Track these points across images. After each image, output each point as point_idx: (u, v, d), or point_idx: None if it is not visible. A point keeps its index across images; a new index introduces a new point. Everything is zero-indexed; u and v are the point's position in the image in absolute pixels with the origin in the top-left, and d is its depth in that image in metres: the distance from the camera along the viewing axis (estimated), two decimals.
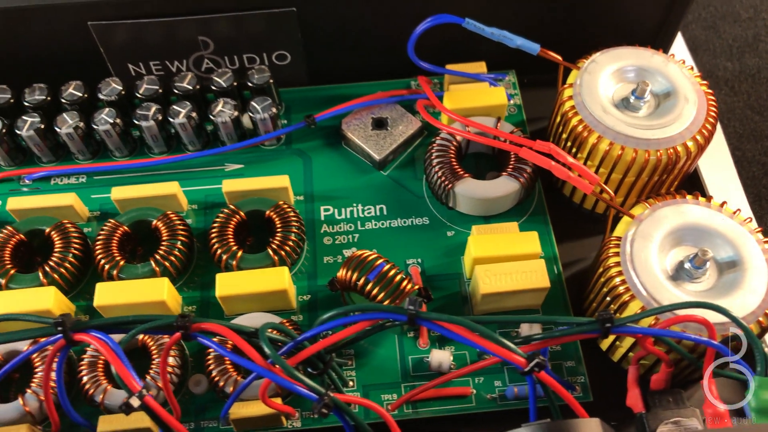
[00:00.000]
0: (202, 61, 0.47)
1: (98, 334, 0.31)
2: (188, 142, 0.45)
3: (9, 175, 0.45)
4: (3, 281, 0.39)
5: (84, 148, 0.45)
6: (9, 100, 0.44)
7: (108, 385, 0.36)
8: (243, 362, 0.31)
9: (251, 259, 0.40)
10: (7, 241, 0.40)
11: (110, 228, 0.41)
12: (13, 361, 0.33)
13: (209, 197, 0.44)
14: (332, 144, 0.47)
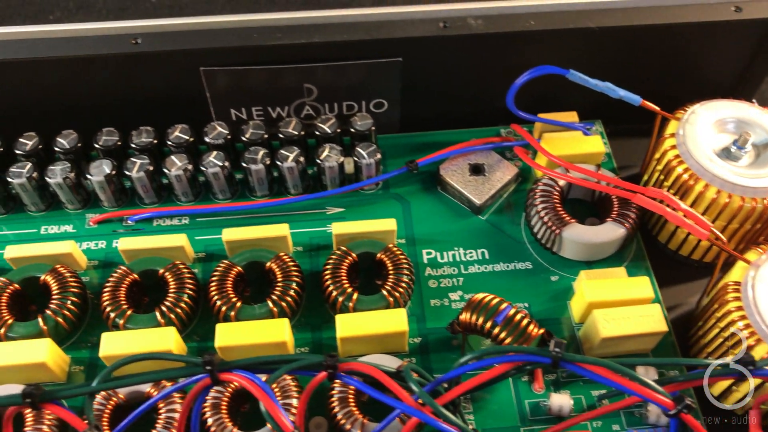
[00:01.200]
0: (303, 107, 0.48)
1: (245, 374, 0.31)
2: (292, 185, 0.46)
3: (113, 216, 0.45)
4: (121, 321, 0.39)
5: (189, 190, 0.45)
6: (117, 143, 0.45)
7: (234, 428, 0.35)
8: (390, 401, 0.31)
9: (367, 301, 0.40)
10: (121, 281, 0.40)
11: (224, 269, 0.41)
12: (150, 401, 0.33)
13: (314, 239, 0.45)
14: (428, 189, 0.48)
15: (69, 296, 0.40)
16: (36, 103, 0.45)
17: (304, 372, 0.32)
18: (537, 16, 0.43)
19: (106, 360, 0.37)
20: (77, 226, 0.45)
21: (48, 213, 0.46)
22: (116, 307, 0.39)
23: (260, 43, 0.42)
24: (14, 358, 0.37)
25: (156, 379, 0.32)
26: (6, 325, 0.38)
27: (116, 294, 0.40)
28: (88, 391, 0.31)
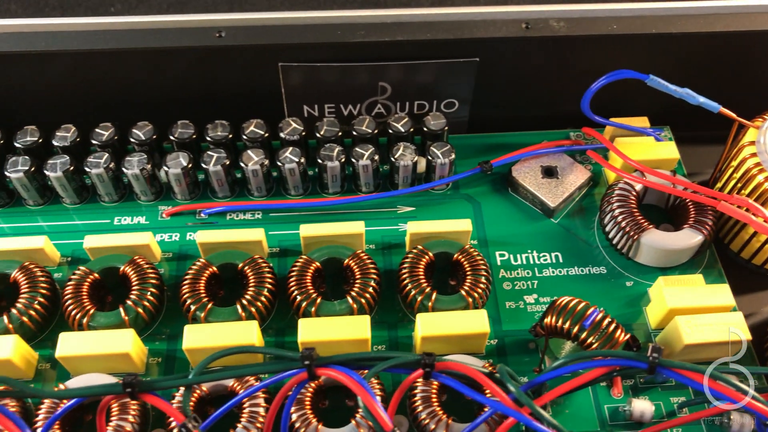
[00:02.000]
0: (374, 105, 0.48)
1: (343, 370, 0.31)
2: (364, 183, 0.46)
3: (186, 209, 0.45)
4: (202, 314, 0.39)
5: (263, 184, 0.45)
6: (192, 135, 0.45)
7: (318, 424, 0.35)
8: (487, 401, 0.31)
9: (446, 301, 0.40)
10: (201, 274, 0.40)
11: (303, 264, 0.41)
12: (248, 392, 0.32)
13: (385, 238, 0.45)
14: (498, 190, 0.47)
15: (149, 287, 0.40)
16: (113, 94, 0.46)
17: (399, 369, 0.32)
18: (619, 21, 0.43)
19: (189, 353, 0.38)
20: (150, 218, 0.45)
21: (121, 204, 0.46)
22: (197, 300, 0.39)
23: (342, 40, 0.42)
24: (99, 348, 0.37)
25: (254, 372, 0.32)
26: (88, 315, 0.39)
27: (196, 286, 0.40)
28: (186, 383, 0.31)
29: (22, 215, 0.45)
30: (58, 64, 0.43)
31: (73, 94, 0.45)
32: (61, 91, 0.45)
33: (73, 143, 0.45)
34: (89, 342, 0.37)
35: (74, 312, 0.39)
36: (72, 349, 0.37)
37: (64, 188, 0.44)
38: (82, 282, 0.40)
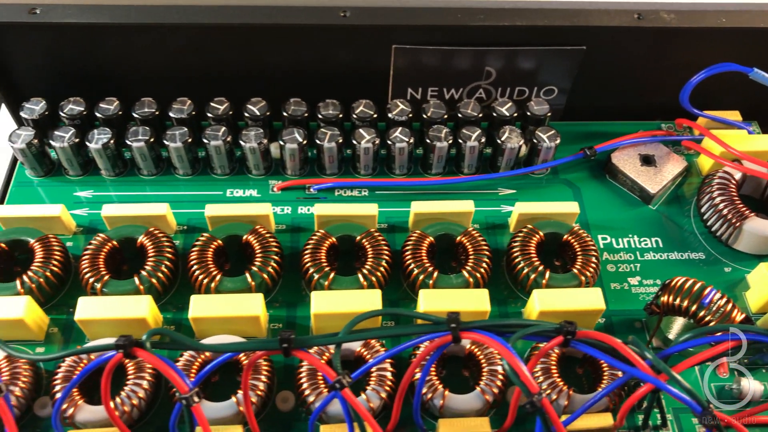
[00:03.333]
0: (477, 90, 0.49)
1: (487, 334, 0.32)
2: (468, 165, 0.47)
3: (297, 184, 0.47)
4: (326, 283, 0.40)
5: (370, 163, 0.47)
6: (304, 114, 0.46)
7: (445, 390, 0.37)
8: (624, 367, 0.32)
9: (559, 279, 0.41)
10: (321, 244, 0.42)
11: (418, 238, 0.42)
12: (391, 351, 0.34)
13: (489, 218, 0.46)
14: (596, 176, 0.49)
15: (271, 255, 0.41)
16: (229, 69, 0.47)
17: (538, 337, 0.34)
18: (728, 14, 0.44)
19: (316, 318, 0.39)
20: (261, 191, 0.47)
21: (232, 177, 0.47)
22: (319, 269, 0.41)
23: (461, 23, 0.43)
24: (231, 311, 0.38)
25: (399, 334, 0.33)
26: (216, 280, 0.40)
27: (316, 256, 0.41)
28: (336, 341, 0.33)
29: (136, 184, 0.47)
30: (179, 37, 0.45)
31: (189, 68, 0.47)
32: (179, 65, 0.46)
33: (189, 116, 0.46)
34: (220, 304, 0.38)
35: (201, 276, 0.40)
36: (203, 311, 0.38)
37: (180, 159, 0.45)
38: (206, 248, 0.41)
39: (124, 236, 0.42)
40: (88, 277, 0.40)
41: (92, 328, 0.38)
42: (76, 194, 0.46)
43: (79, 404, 0.35)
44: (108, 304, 0.38)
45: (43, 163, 0.46)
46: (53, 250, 0.41)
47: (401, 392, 0.35)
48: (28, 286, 0.39)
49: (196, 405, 0.31)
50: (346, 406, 0.32)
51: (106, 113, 0.46)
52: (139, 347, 0.31)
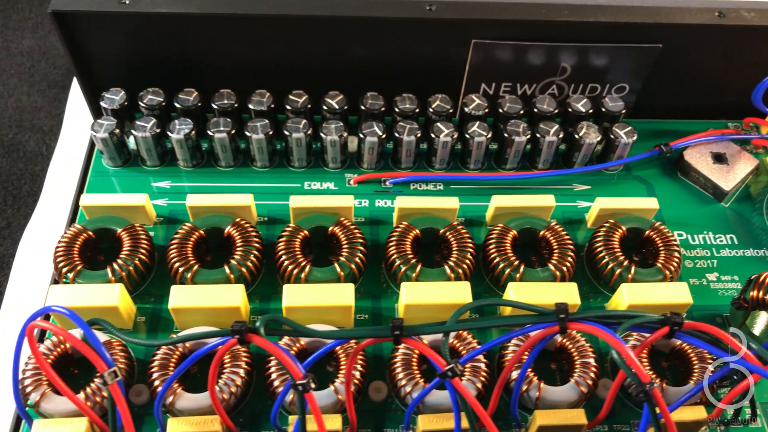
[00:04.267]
0: (550, 86, 0.49)
1: (596, 325, 0.33)
2: (544, 160, 0.47)
3: (374, 177, 0.47)
4: (413, 274, 0.40)
5: (447, 157, 0.47)
6: (381, 108, 0.47)
7: (540, 382, 0.37)
8: (728, 357, 0.33)
9: (645, 273, 0.41)
10: (406, 235, 0.42)
11: (501, 231, 0.42)
12: (498, 339, 0.34)
13: (565, 213, 0.47)
14: (667, 173, 0.49)
15: (357, 246, 0.41)
16: (308, 61, 0.47)
17: (642, 328, 0.34)
18: None
19: (406, 309, 0.39)
20: (338, 184, 0.47)
21: (309, 169, 0.48)
22: (406, 260, 0.41)
23: (545, 18, 0.44)
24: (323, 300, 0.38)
25: (508, 324, 0.33)
26: (305, 271, 0.40)
27: (402, 247, 0.42)
28: (444, 330, 0.33)
29: (213, 176, 0.47)
30: (264, 28, 0.45)
31: (269, 60, 0.47)
32: (259, 56, 0.46)
33: (268, 108, 0.46)
34: (312, 294, 0.39)
35: (291, 267, 0.40)
36: (296, 300, 0.38)
37: (260, 151, 0.46)
38: (293, 239, 0.41)
39: (210, 226, 0.42)
40: (177, 266, 0.40)
41: (183, 317, 0.39)
42: (154, 185, 0.46)
43: (178, 392, 0.36)
44: (201, 293, 0.38)
45: (122, 153, 0.46)
46: (140, 239, 0.41)
47: (501, 382, 0.35)
48: (119, 275, 0.39)
49: (310, 392, 0.31)
50: (455, 395, 0.32)
51: (185, 104, 0.46)
52: (254, 333, 0.31)
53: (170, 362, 0.37)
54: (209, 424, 0.35)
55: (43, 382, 0.36)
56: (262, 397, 0.38)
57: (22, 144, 0.52)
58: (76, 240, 0.41)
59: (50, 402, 0.35)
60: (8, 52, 0.56)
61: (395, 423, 0.37)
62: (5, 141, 0.52)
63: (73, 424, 0.34)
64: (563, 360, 0.39)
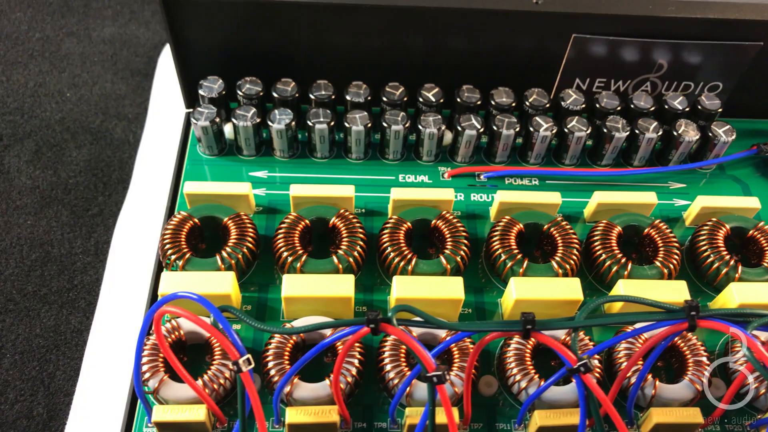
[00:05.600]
0: (644, 82, 0.49)
1: (726, 323, 0.32)
2: (640, 157, 0.47)
3: (468, 171, 0.47)
4: (520, 270, 0.40)
5: (543, 151, 0.47)
6: (477, 101, 0.46)
7: (656, 380, 0.36)
8: None
9: (752, 273, 0.41)
10: (509, 230, 0.42)
11: (605, 228, 0.42)
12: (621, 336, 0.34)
13: (663, 211, 0.46)
14: (761, 173, 0.49)
15: (461, 239, 0.41)
16: (406, 53, 0.47)
17: (765, 328, 0.34)
18: None
19: (516, 304, 0.39)
20: (432, 177, 0.47)
21: (403, 162, 0.47)
22: (511, 255, 0.41)
23: (649, 13, 0.43)
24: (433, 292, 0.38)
25: (635, 321, 0.33)
26: (411, 262, 0.40)
27: (506, 242, 0.41)
28: (574, 325, 0.33)
29: (308, 166, 0.47)
30: (368, 18, 0.44)
31: (367, 51, 0.46)
32: (358, 48, 0.46)
33: (365, 100, 0.46)
34: (420, 286, 0.38)
35: (397, 259, 0.40)
36: (407, 292, 0.38)
37: (358, 143, 0.46)
38: (398, 230, 0.41)
39: (316, 216, 0.42)
40: (286, 255, 0.40)
41: (294, 306, 0.39)
42: (251, 174, 0.46)
43: (296, 382, 0.36)
44: (313, 282, 0.38)
45: (219, 142, 0.46)
46: (247, 228, 0.41)
47: (621, 378, 0.35)
48: (228, 263, 0.40)
49: (442, 384, 0.31)
50: (583, 390, 0.32)
51: (283, 94, 0.46)
52: (388, 323, 0.31)
53: (285, 351, 0.37)
54: (327, 414, 0.35)
55: (160, 369, 0.36)
56: (370, 389, 0.38)
57: (109, 131, 0.53)
58: (182, 227, 0.41)
59: (169, 389, 0.35)
60: (90, 40, 0.56)
61: (506, 418, 0.37)
62: (92, 128, 0.53)
63: (193, 411, 0.35)
64: (672, 359, 0.39)
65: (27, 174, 0.50)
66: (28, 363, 0.42)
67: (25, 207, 0.48)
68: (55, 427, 0.40)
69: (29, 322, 0.43)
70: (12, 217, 0.47)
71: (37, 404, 0.40)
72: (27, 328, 0.43)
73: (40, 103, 0.55)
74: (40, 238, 0.47)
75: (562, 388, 0.36)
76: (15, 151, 0.51)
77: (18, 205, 0.48)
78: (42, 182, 0.49)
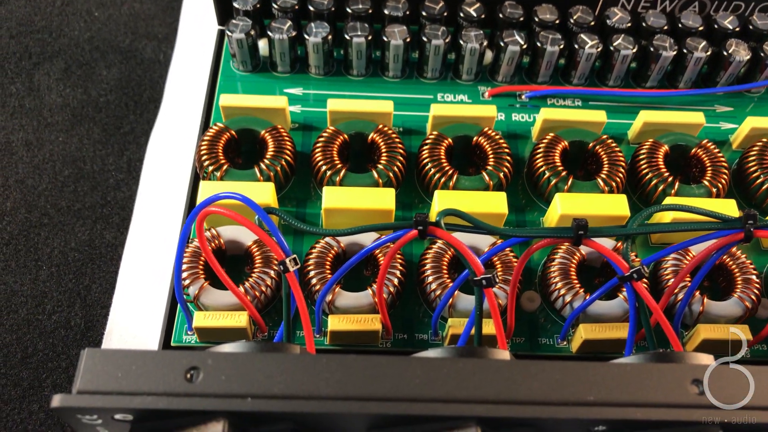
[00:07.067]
0: (692, 2, 0.47)
1: None
2: (687, 79, 0.45)
3: (509, 90, 0.45)
4: (565, 187, 0.39)
5: (587, 71, 0.45)
6: (520, 17, 0.45)
7: (704, 297, 0.36)
8: None
9: None
10: (553, 147, 0.41)
11: (652, 146, 0.41)
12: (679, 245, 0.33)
13: (708, 134, 0.45)
14: None
15: (504, 156, 0.40)
16: None
17: None
18: None
19: (561, 219, 0.38)
20: (471, 97, 0.45)
21: (441, 81, 0.46)
22: (556, 173, 0.40)
23: None
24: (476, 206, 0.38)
25: (694, 229, 0.32)
26: (453, 178, 0.39)
27: (550, 159, 0.40)
28: (626, 233, 0.32)
29: (344, 84, 0.46)
30: None
31: None
32: None
33: (404, 15, 0.45)
34: (462, 201, 0.38)
35: (437, 175, 0.39)
36: (448, 206, 0.37)
37: (396, 59, 0.44)
38: (438, 145, 0.40)
39: (354, 131, 0.41)
40: (324, 169, 0.39)
41: (334, 219, 0.38)
42: (286, 91, 0.45)
43: (337, 290, 0.35)
44: (354, 195, 0.37)
45: (253, 57, 0.45)
46: (285, 141, 0.40)
47: (670, 291, 0.34)
48: (267, 175, 0.39)
49: (490, 289, 0.31)
50: (634, 297, 0.32)
51: (320, 7, 0.44)
52: (436, 226, 0.31)
53: (326, 260, 0.36)
54: (370, 322, 0.34)
55: (200, 276, 0.35)
56: (409, 302, 0.37)
57: (138, 51, 0.51)
58: (219, 138, 0.40)
59: (210, 295, 0.35)
60: None
61: (549, 334, 0.37)
62: (122, 48, 0.51)
63: (234, 317, 0.34)
64: (720, 278, 0.38)
65: (57, 92, 0.49)
66: (64, 276, 0.41)
67: (56, 124, 0.47)
68: (92, 336, 0.40)
69: (64, 237, 0.43)
70: (44, 134, 0.47)
71: (75, 315, 0.40)
72: (62, 242, 0.43)
73: (68, 22, 0.53)
74: (72, 155, 0.46)
75: (608, 302, 0.36)
76: (44, 69, 0.50)
77: (49, 122, 0.47)
78: (72, 100, 0.49)
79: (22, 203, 0.44)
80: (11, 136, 0.47)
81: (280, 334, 0.33)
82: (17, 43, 0.52)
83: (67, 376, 0.38)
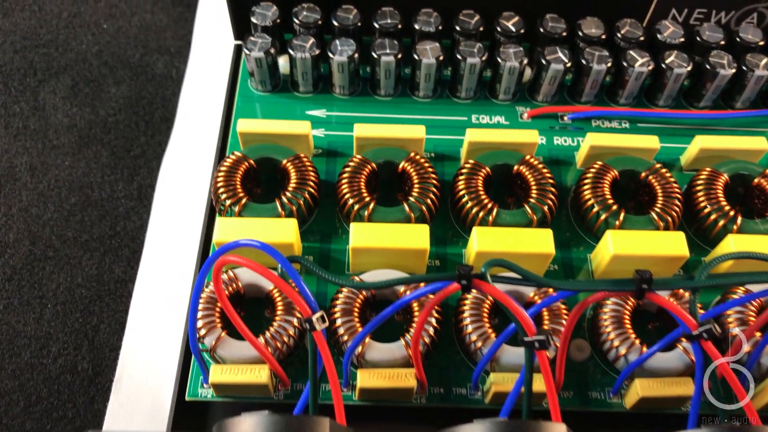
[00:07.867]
0: (750, 13, 0.43)
1: None
2: (745, 98, 0.41)
3: (550, 111, 0.42)
4: (617, 222, 0.35)
5: (636, 90, 0.41)
6: (562, 32, 0.41)
7: None
8: None
9: None
10: (602, 177, 0.37)
11: (710, 176, 0.37)
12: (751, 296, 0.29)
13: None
14: None
15: (548, 187, 0.37)
16: None
17: None
18: None
19: (613, 259, 0.34)
20: (509, 118, 0.42)
21: (476, 101, 0.43)
22: (606, 206, 0.36)
23: None
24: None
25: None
26: (490, 211, 0.36)
27: (598, 190, 0.37)
28: (692, 286, 0.28)
29: (370, 105, 0.42)
30: None
31: None
32: None
33: (436, 30, 0.41)
34: (504, 239, 0.34)
35: (475, 209, 0.36)
36: (487, 246, 0.34)
37: (428, 78, 0.41)
38: (475, 175, 0.37)
39: (383, 159, 0.37)
40: (351, 202, 0.36)
41: (362, 258, 0.35)
42: (308, 113, 0.42)
43: (368, 342, 0.32)
44: (384, 232, 0.34)
45: (273, 76, 0.42)
46: (308, 172, 0.37)
47: (736, 348, 0.31)
48: (289, 209, 0.36)
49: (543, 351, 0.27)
50: (702, 357, 0.28)
51: (345, 22, 0.41)
52: (482, 280, 0.27)
53: (354, 308, 0.33)
54: (403, 378, 0.31)
55: (217, 325, 0.32)
56: (444, 349, 0.34)
57: (149, 66, 0.48)
58: (237, 169, 0.37)
59: (227, 346, 0.32)
60: None
61: (599, 386, 0.33)
62: (132, 63, 0.48)
63: (255, 371, 0.31)
64: None
65: (63, 111, 0.46)
66: (70, 314, 0.39)
67: (62, 147, 0.44)
68: (101, 383, 0.37)
69: (70, 271, 0.40)
70: (49, 158, 0.44)
71: (82, 359, 0.37)
72: (68, 276, 0.40)
73: (76, 35, 0.50)
74: (79, 181, 0.43)
75: (666, 354, 0.32)
76: (50, 86, 0.47)
77: (55, 144, 0.44)
78: (79, 120, 0.46)
79: (26, 234, 0.41)
80: (15, 160, 0.44)
81: (305, 398, 0.30)
82: (21, 59, 0.49)
83: (74, 428, 0.35)
